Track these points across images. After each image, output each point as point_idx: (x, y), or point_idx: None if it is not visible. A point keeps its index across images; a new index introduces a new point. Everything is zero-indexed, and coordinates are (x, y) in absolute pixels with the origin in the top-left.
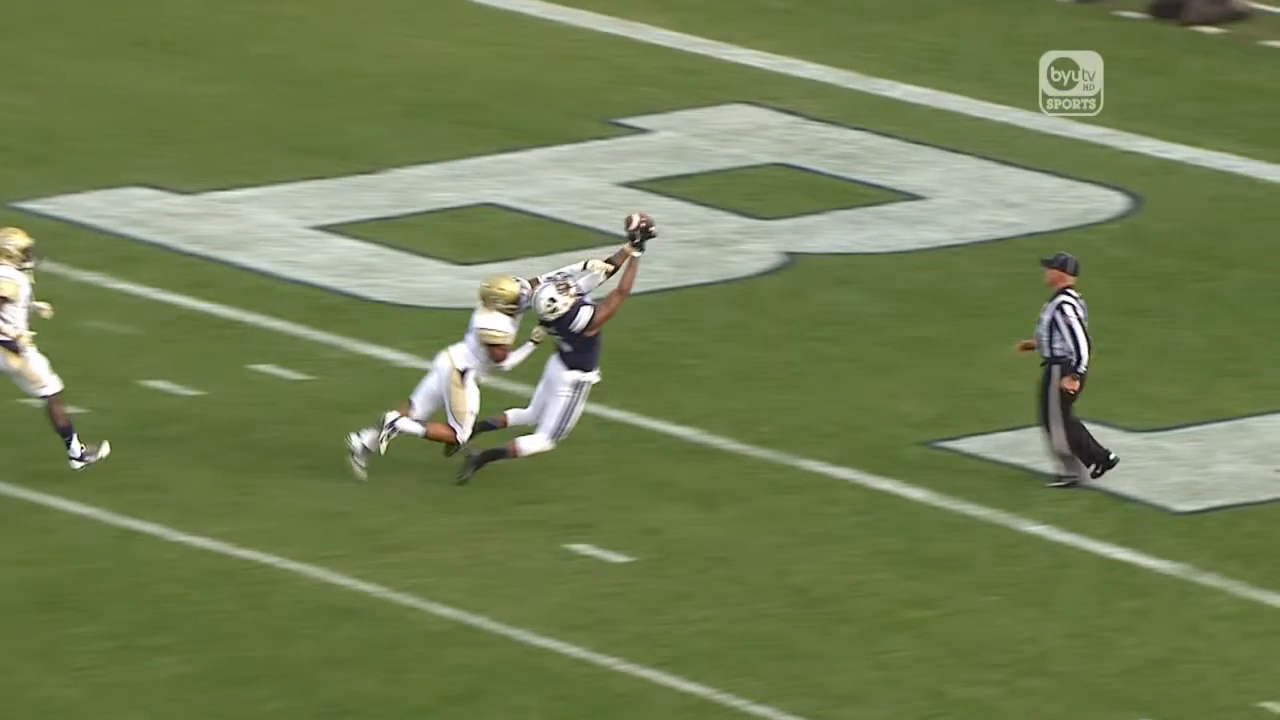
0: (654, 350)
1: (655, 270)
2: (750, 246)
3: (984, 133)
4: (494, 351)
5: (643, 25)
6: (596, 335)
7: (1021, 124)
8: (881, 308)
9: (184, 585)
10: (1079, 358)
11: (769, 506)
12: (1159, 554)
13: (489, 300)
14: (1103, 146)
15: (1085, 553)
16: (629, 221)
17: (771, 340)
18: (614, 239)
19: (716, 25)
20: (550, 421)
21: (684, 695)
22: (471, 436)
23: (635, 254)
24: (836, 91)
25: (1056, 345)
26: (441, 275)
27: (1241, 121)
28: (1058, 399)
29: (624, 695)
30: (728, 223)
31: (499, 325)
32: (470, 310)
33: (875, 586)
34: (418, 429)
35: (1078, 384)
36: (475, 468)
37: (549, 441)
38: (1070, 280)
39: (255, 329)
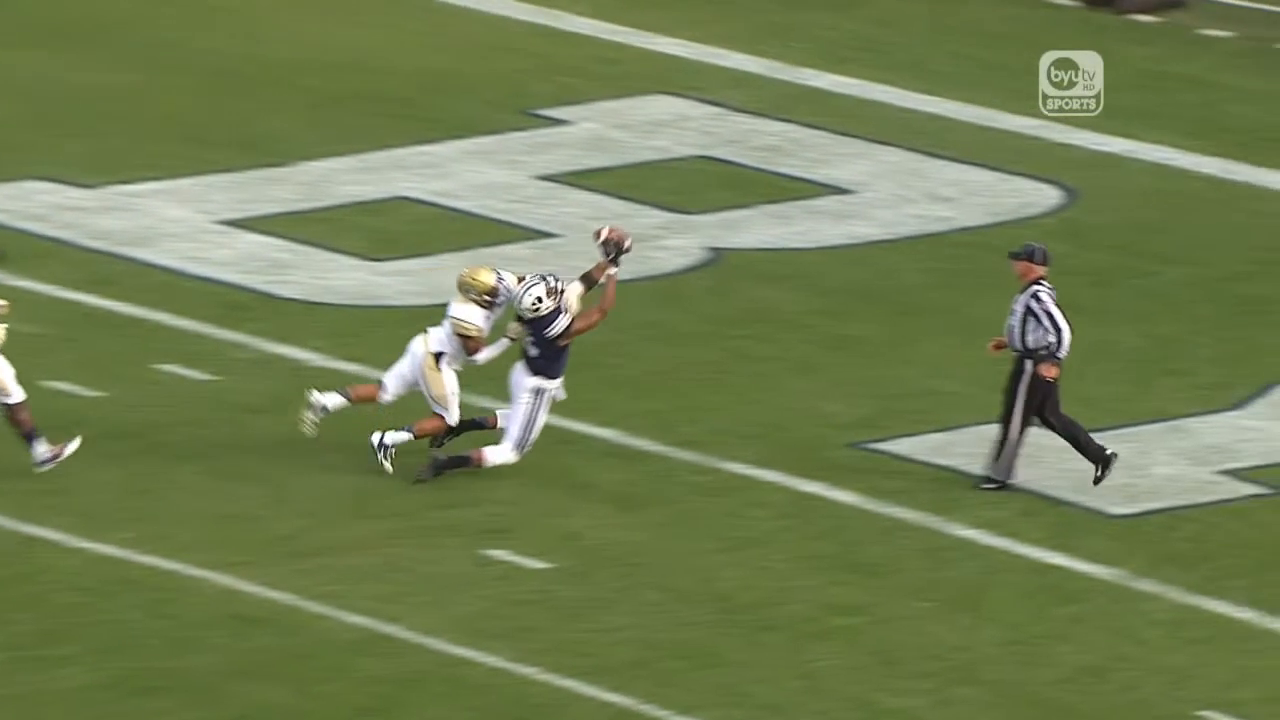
0: (574, 349)
1: (576, 266)
2: (673, 242)
3: (914, 124)
4: (466, 343)
5: (562, 13)
6: (566, 346)
7: (952, 115)
8: (808, 305)
9: (85, 593)
10: (1059, 343)
11: (692, 510)
12: (1094, 558)
13: (464, 290)
14: (1036, 138)
15: (1018, 557)
16: (598, 235)
17: (695, 339)
18: (531, 233)
19: (638, 13)
20: (514, 431)
21: (605, 705)
22: (458, 433)
23: (612, 270)
24: (762, 82)
25: (1030, 337)
26: (353, 271)
27: (1179, 113)
28: (1026, 395)
29: (543, 706)
30: (650, 217)
31: (472, 317)
32: (378, 305)
33: (802, 593)
34: (405, 436)
35: (1057, 370)
36: (435, 472)
37: (514, 453)
38: (1040, 271)
39: (160, 328)
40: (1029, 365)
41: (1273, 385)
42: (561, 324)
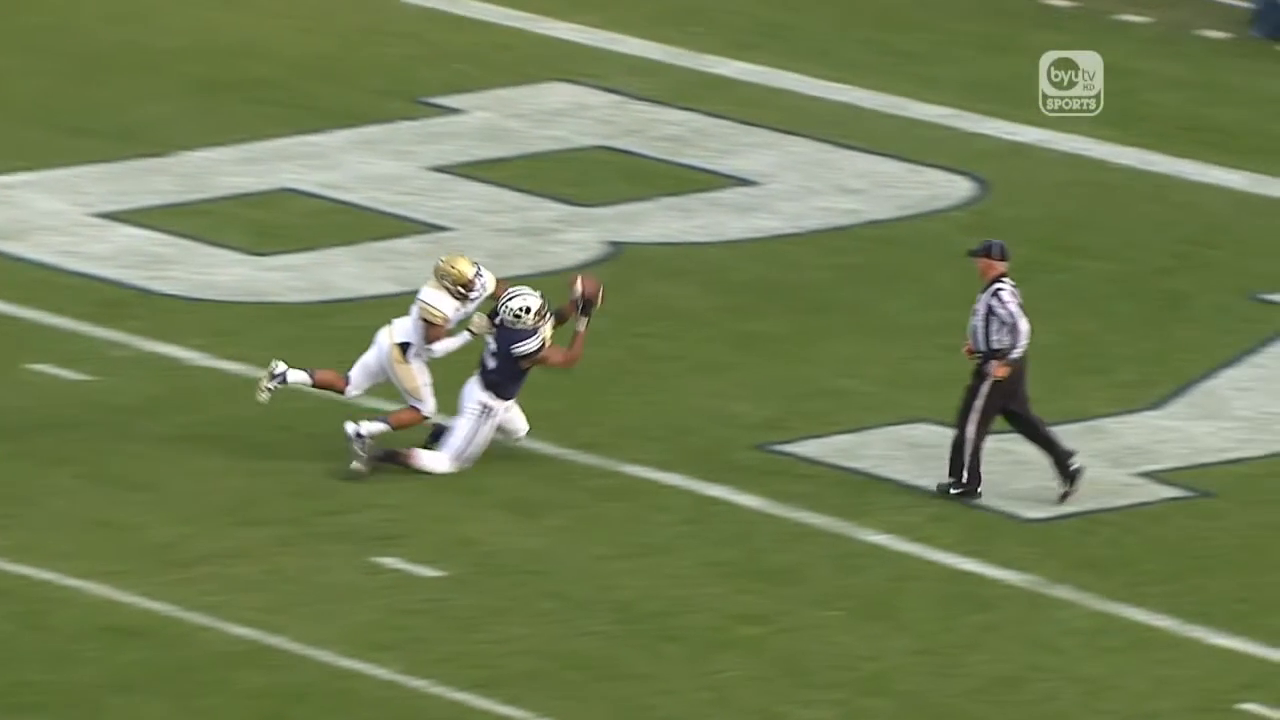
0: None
1: None
2: (571, 236)
3: (821, 113)
4: (428, 330)
5: None
6: (526, 370)
7: (861, 104)
8: (712, 301)
9: None
10: (1014, 344)
11: (591, 515)
12: (1008, 564)
13: (439, 276)
14: (947, 128)
15: (930, 563)
16: (573, 283)
17: (594, 336)
18: (423, 227)
19: None
20: (455, 442)
21: (501, 719)
22: (436, 439)
23: (580, 325)
24: (663, 69)
25: (994, 337)
26: (236, 266)
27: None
28: (986, 397)
29: None
30: (547, 210)
31: (440, 304)
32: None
33: (705, 601)
34: (381, 427)
35: (1005, 370)
36: (371, 466)
37: (450, 463)
38: (1001, 267)
39: (33, 326)
40: (990, 366)
41: (1193, 384)
42: (531, 345)
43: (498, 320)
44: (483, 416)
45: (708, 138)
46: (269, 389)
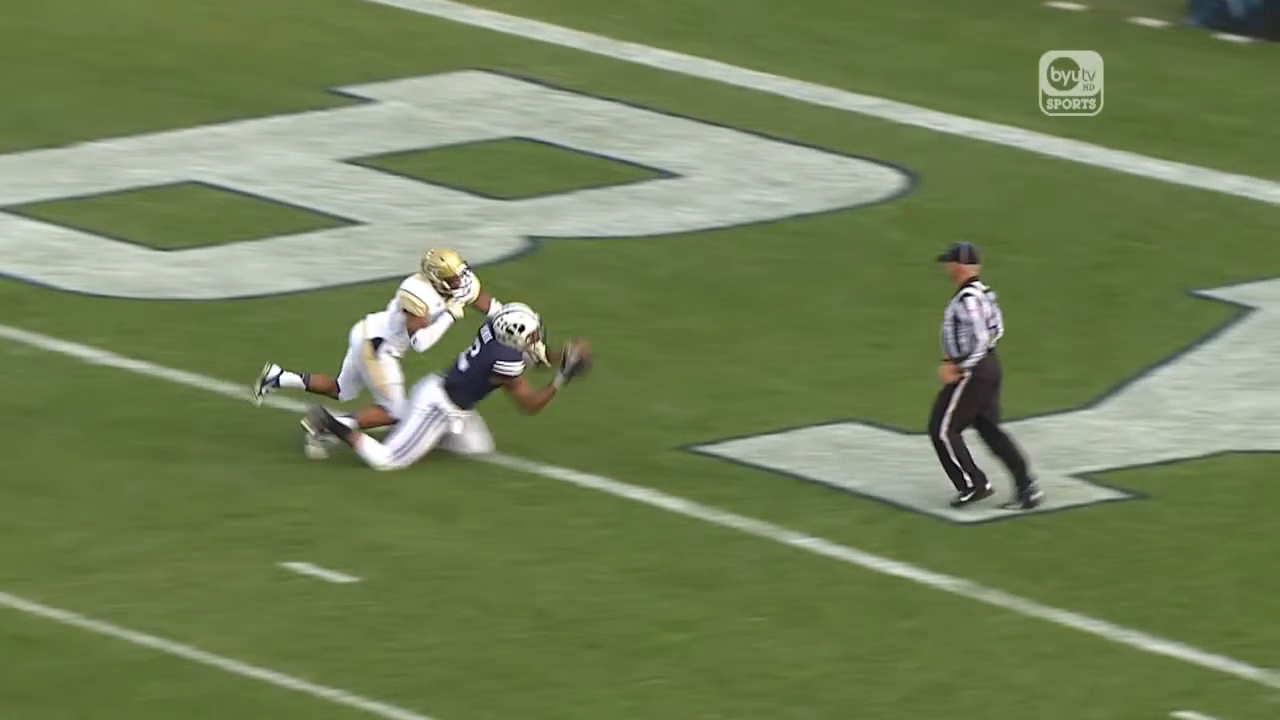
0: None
1: (382, 257)
2: (488, 230)
3: (746, 104)
4: (410, 321)
5: None
6: (492, 389)
7: (787, 94)
8: (633, 298)
9: None
10: (970, 353)
11: (509, 519)
12: (938, 569)
13: (425, 268)
14: (876, 119)
15: (858, 568)
16: (575, 343)
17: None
18: (334, 221)
19: None
20: (399, 438)
21: None
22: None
23: (557, 382)
24: (582, 57)
25: (963, 343)
26: (140, 262)
27: (1027, 91)
28: (959, 401)
29: None
30: (463, 204)
31: (421, 293)
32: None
33: (627, 607)
34: (349, 423)
35: (954, 375)
36: (320, 429)
37: (389, 458)
38: (971, 271)
39: None
40: (965, 371)
41: (1128, 382)
42: (513, 369)
43: (489, 332)
44: (431, 417)
45: (629, 129)
46: (263, 393)
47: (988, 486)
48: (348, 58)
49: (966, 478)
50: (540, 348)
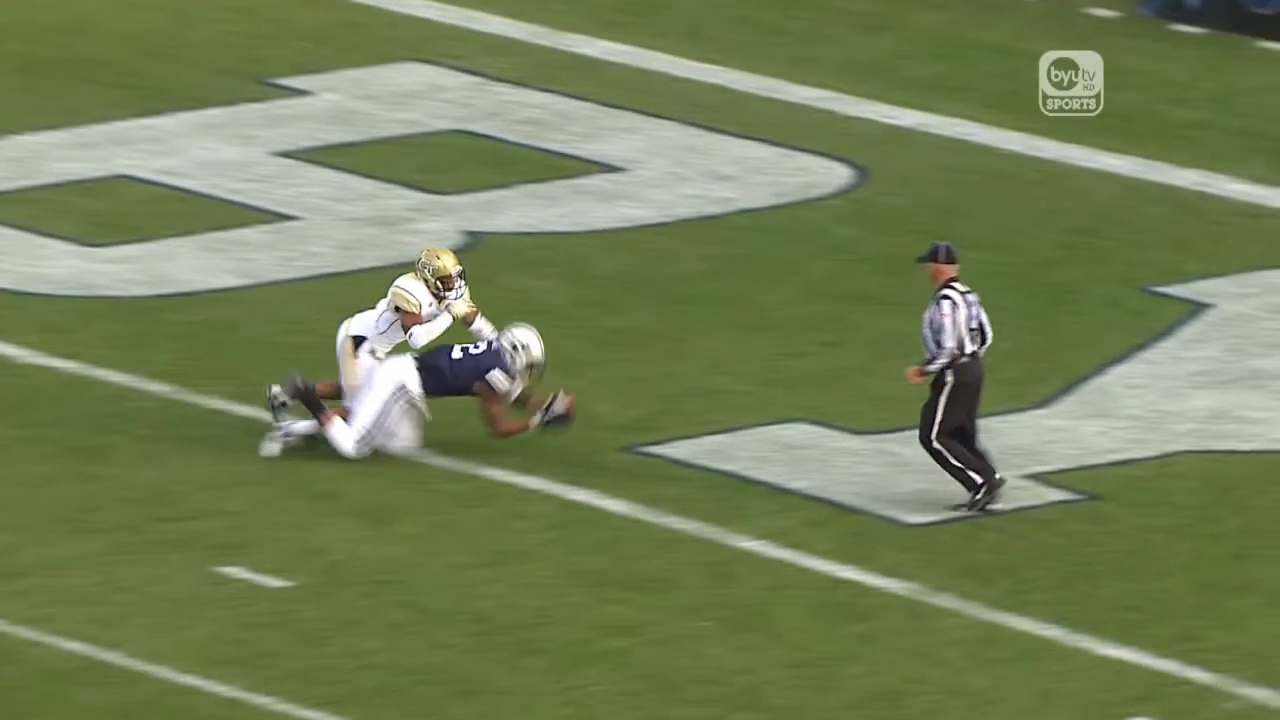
0: (318, 344)
1: (318, 253)
2: (426, 225)
3: (692, 96)
4: (405, 318)
5: None
6: (469, 393)
7: (733, 86)
8: (575, 295)
9: None
10: (936, 355)
11: (448, 522)
12: (887, 572)
13: (420, 267)
14: (824, 111)
15: (805, 571)
16: (556, 399)
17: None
18: (268, 216)
19: None
20: (363, 420)
21: None
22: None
23: (532, 422)
24: (523, 48)
25: (931, 347)
26: (69, 258)
27: (977, 83)
28: (945, 405)
29: None
30: (401, 198)
31: (414, 290)
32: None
33: (569, 612)
34: (308, 427)
35: (919, 378)
36: (294, 394)
37: (354, 445)
38: (950, 271)
39: None
40: (949, 375)
41: (1081, 381)
42: (500, 383)
43: (494, 340)
44: (397, 394)
45: (571, 121)
46: (279, 417)
47: (998, 477)
48: (281, 48)
49: (972, 475)
50: (529, 379)
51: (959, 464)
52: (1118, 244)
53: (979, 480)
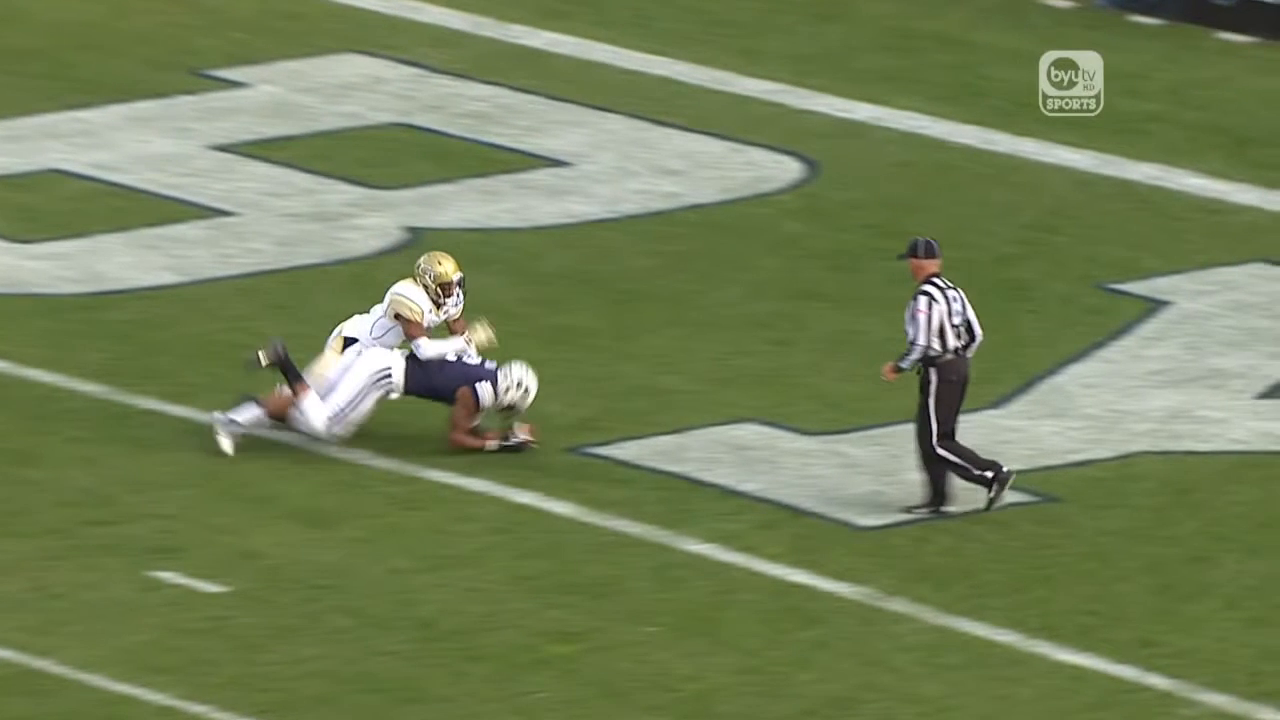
0: (254, 343)
1: (255, 249)
2: (366, 221)
3: (639, 88)
4: (408, 327)
5: None
6: (447, 398)
7: (682, 78)
8: (520, 293)
9: None
10: (909, 352)
11: (389, 525)
12: (839, 576)
13: (420, 273)
14: (774, 104)
15: (756, 575)
16: (517, 428)
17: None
18: (204, 211)
19: None
20: (338, 399)
21: None
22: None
23: (489, 445)
24: (466, 39)
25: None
26: None
27: (930, 75)
28: (935, 403)
29: None
30: (340, 193)
31: (415, 296)
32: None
33: (513, 617)
34: (254, 418)
35: (893, 375)
36: (274, 361)
37: (326, 424)
38: (931, 266)
39: None
40: (933, 374)
41: (1037, 380)
42: (486, 401)
43: (506, 386)
44: (379, 380)
45: (515, 114)
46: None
47: (1005, 469)
48: (216, 39)
49: (981, 472)
50: (511, 405)
51: (966, 465)
52: (1074, 240)
53: (988, 477)
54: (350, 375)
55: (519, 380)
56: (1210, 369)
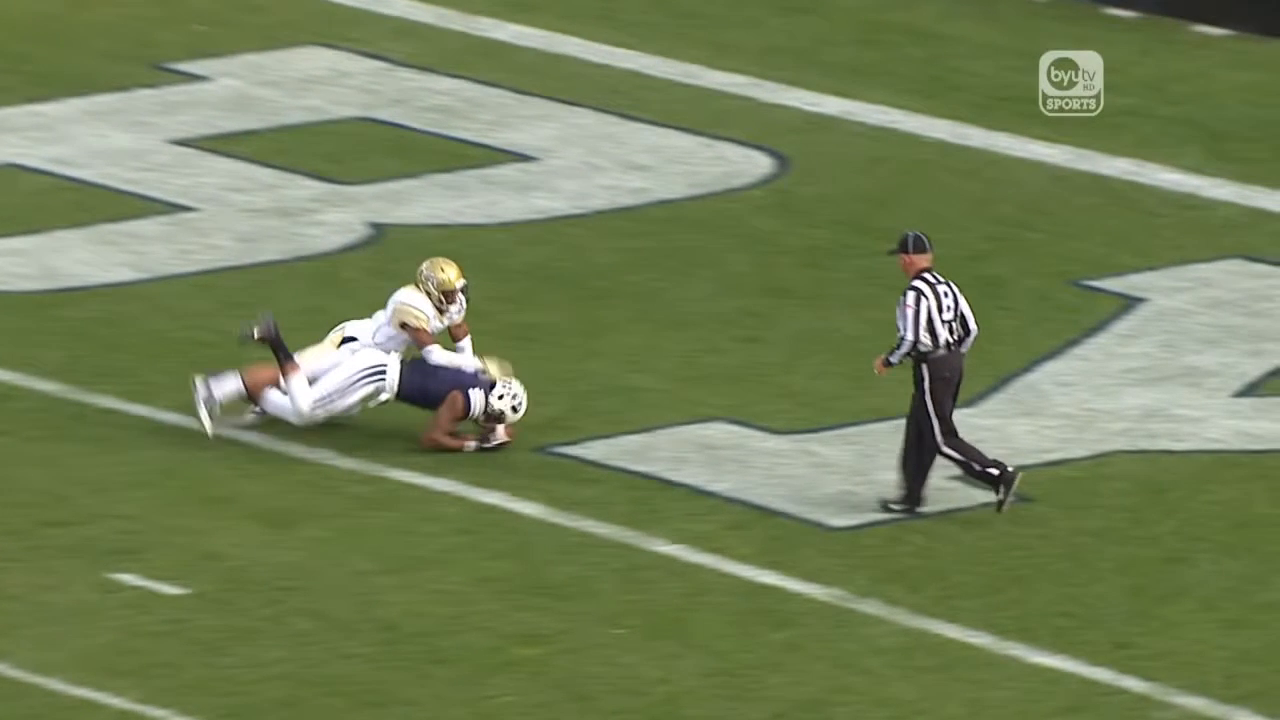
0: (216, 341)
1: (216, 245)
2: (329, 216)
3: (606, 82)
4: (417, 335)
5: None
6: (435, 404)
7: (649, 71)
8: (486, 290)
9: None
10: (899, 346)
11: (352, 526)
12: (810, 577)
13: (422, 279)
14: (744, 98)
15: (725, 576)
16: (491, 431)
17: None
18: (164, 206)
19: None
20: (326, 383)
21: None
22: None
23: (468, 447)
24: (430, 32)
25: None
26: None
27: (902, 69)
28: (931, 400)
29: None
30: (302, 188)
31: (418, 304)
32: None
33: (479, 619)
34: (236, 384)
35: (882, 369)
36: (266, 336)
37: (309, 405)
38: (922, 261)
39: None
40: (925, 370)
41: (1011, 378)
42: (476, 409)
43: (499, 394)
44: (369, 374)
45: (480, 108)
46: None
47: (1010, 469)
48: (177, 31)
49: (990, 471)
50: (483, 423)
51: (975, 465)
52: (1048, 236)
53: (995, 475)
54: (342, 365)
55: (515, 394)
56: (1186, 367)
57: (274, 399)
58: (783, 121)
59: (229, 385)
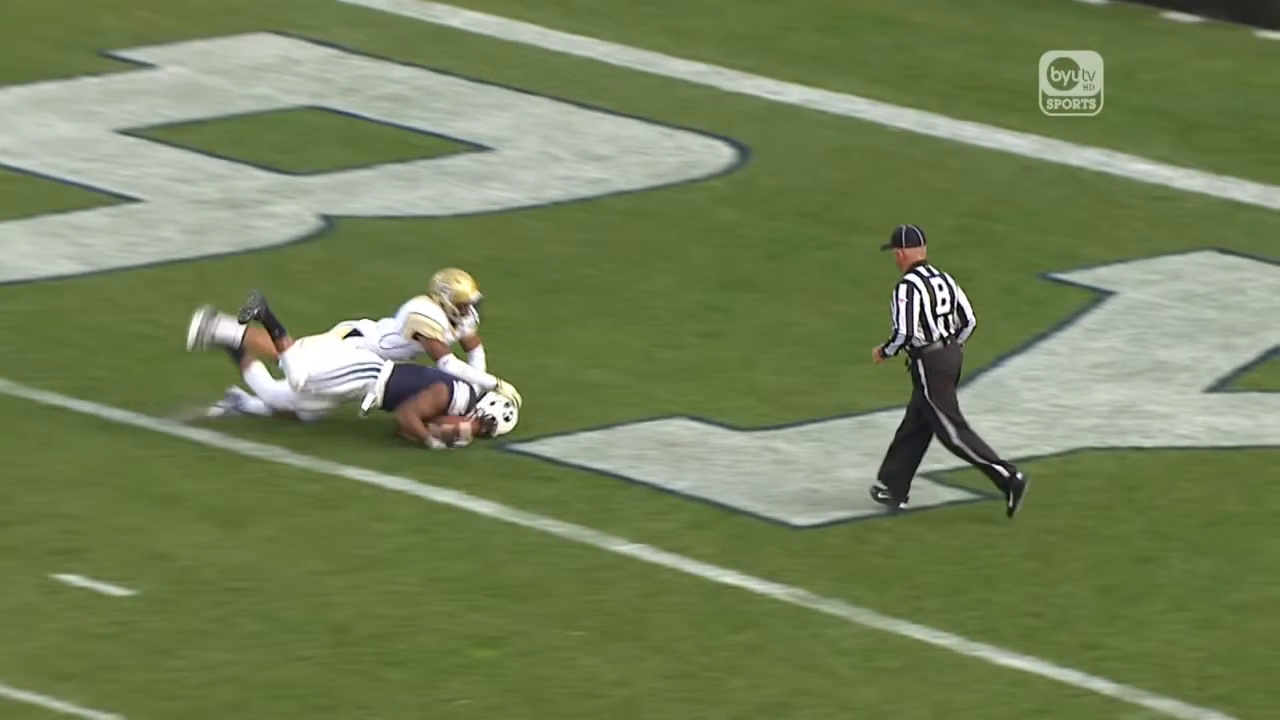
0: (162, 336)
1: (163, 238)
2: (279, 208)
3: (563, 70)
4: (431, 346)
5: None
6: (416, 394)
7: (607, 59)
8: None
9: None
10: (894, 338)
11: (304, 525)
12: (773, 577)
13: (436, 290)
14: (704, 86)
15: (686, 576)
16: (464, 427)
17: (306, 322)
18: (109, 198)
19: None
20: (321, 366)
21: None
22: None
23: (432, 444)
24: (383, 19)
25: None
26: None
27: (866, 57)
28: (930, 393)
29: None
30: (252, 179)
31: (433, 315)
32: None
33: (433, 621)
34: (236, 331)
35: (879, 359)
36: (258, 313)
37: (303, 380)
38: (916, 255)
39: None
40: (921, 365)
41: (977, 374)
42: (458, 404)
43: (491, 400)
44: (362, 372)
45: (435, 97)
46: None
47: (1020, 476)
48: (122, 18)
49: (998, 469)
50: (470, 422)
51: (984, 461)
52: (1015, 228)
53: (1006, 476)
54: (342, 353)
55: (508, 401)
56: (1155, 361)
57: (258, 380)
58: (744, 110)
59: (229, 330)
